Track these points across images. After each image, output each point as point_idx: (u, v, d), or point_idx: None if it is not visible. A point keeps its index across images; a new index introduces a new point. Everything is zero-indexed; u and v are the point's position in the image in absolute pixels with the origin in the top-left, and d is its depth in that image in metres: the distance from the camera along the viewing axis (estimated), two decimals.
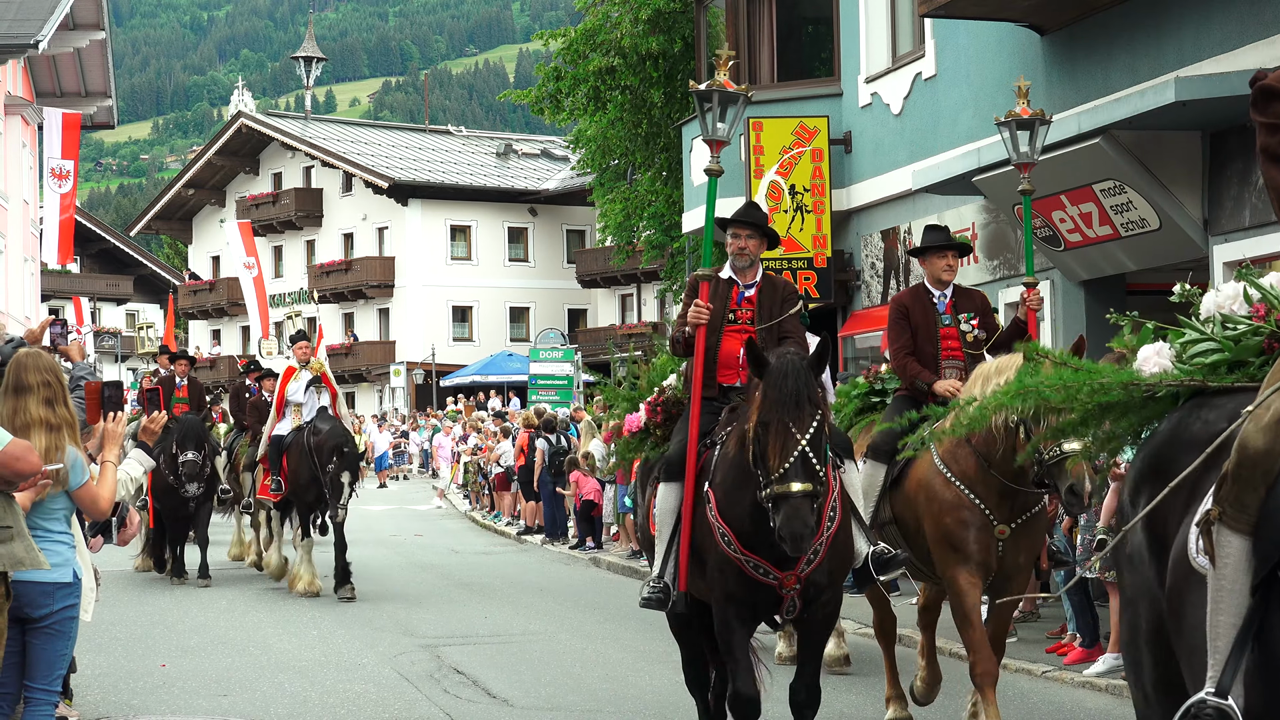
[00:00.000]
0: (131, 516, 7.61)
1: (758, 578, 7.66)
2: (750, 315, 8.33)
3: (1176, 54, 13.87)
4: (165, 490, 18.67)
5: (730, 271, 8.43)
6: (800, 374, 7.23)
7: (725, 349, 8.31)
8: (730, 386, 8.33)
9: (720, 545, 7.70)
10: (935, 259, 9.59)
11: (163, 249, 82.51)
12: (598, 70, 24.85)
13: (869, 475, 9.20)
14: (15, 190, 34.22)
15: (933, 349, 9.48)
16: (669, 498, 8.17)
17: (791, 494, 7.03)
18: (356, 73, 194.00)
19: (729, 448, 7.79)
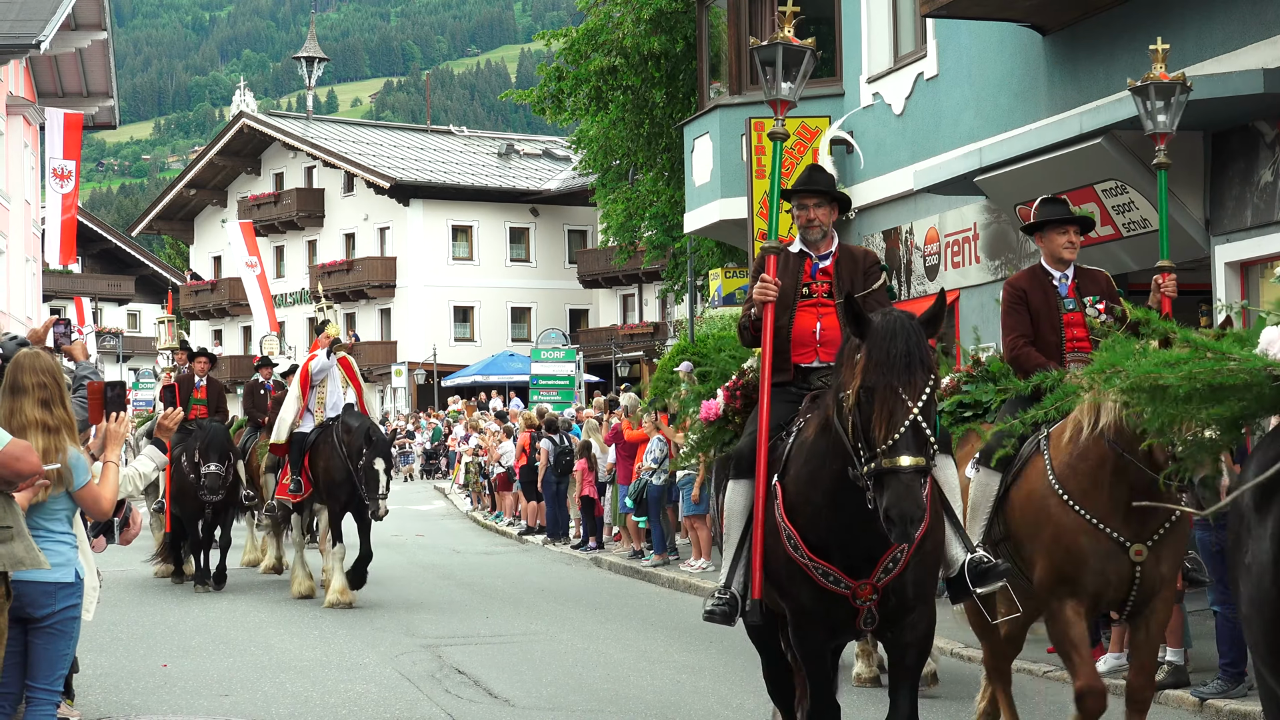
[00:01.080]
0: (135, 516, 7.61)
1: (828, 586, 6.78)
2: (827, 289, 7.53)
3: (1178, 54, 13.84)
4: (184, 494, 18.01)
5: (801, 245, 7.68)
6: (911, 333, 6.36)
7: (799, 325, 7.53)
8: (807, 367, 7.52)
9: (786, 549, 6.88)
10: (1055, 235, 8.45)
11: (164, 249, 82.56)
12: (599, 70, 24.86)
13: (981, 485, 8.16)
14: (17, 190, 34.22)
15: (1055, 338, 8.35)
16: (738, 496, 7.36)
17: (901, 469, 6.13)
18: (358, 73, 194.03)
19: (807, 434, 6.95)
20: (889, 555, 6.67)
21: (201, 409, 18.53)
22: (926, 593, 6.92)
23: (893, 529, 6.17)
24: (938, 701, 10.45)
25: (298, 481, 16.55)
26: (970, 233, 17.52)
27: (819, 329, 7.50)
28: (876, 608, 6.78)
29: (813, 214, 7.62)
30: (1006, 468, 8.01)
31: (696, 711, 10.17)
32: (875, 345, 6.33)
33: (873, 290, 7.43)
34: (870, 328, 6.39)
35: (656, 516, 19.93)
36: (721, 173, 20.73)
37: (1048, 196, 8.90)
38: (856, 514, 6.43)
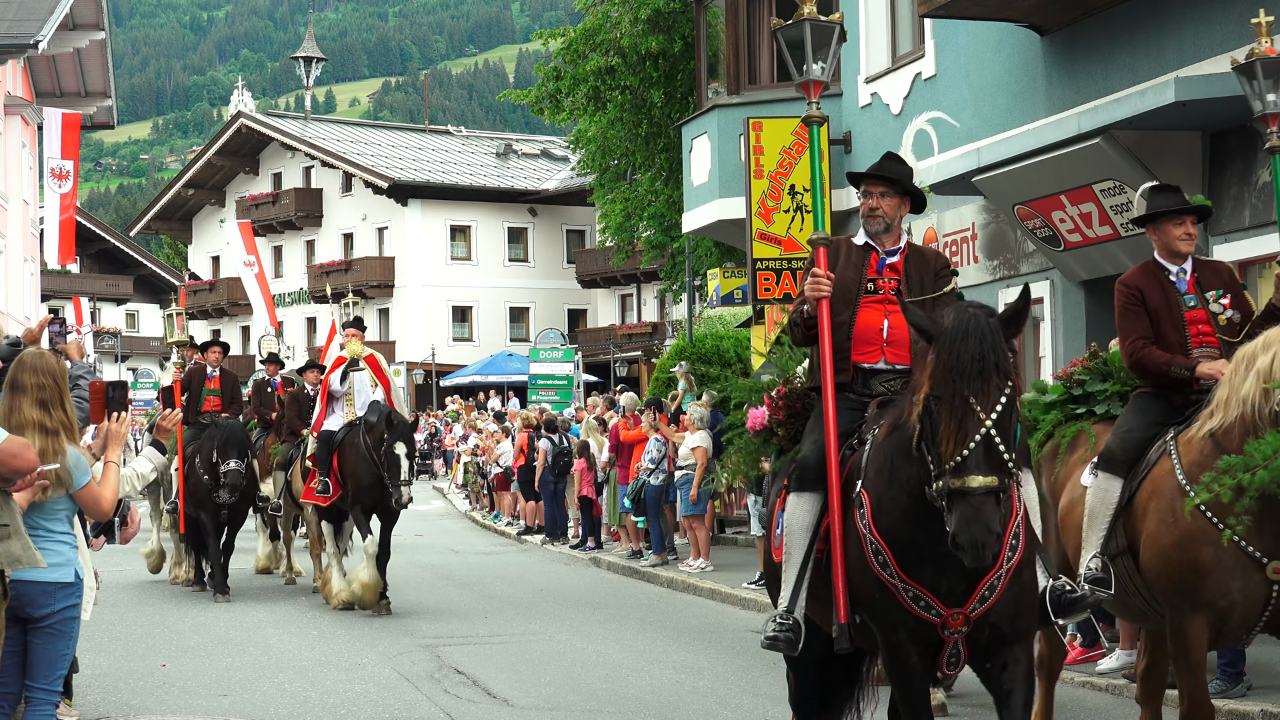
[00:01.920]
0: (133, 514, 7.61)
1: (916, 611, 6.04)
2: (895, 286, 6.90)
3: (1177, 54, 13.87)
4: (199, 497, 17.28)
5: (865, 237, 7.09)
6: (986, 333, 5.71)
7: (863, 323, 6.88)
8: (870, 368, 6.89)
9: (873, 566, 6.15)
10: (1170, 227, 7.75)
11: (162, 249, 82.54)
12: (597, 70, 24.85)
13: (1101, 491, 7.47)
14: (15, 190, 34.21)
15: (1178, 336, 7.63)
16: (801, 512, 6.67)
17: (970, 490, 5.55)
18: (356, 73, 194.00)
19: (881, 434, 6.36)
20: (986, 581, 5.98)
21: (215, 400, 17.89)
22: (1025, 627, 6.19)
23: (963, 555, 5.60)
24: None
25: (326, 484, 15.89)
26: (969, 233, 17.52)
27: (886, 327, 6.88)
28: (964, 642, 6.10)
29: (876, 203, 7.07)
30: (1130, 473, 7.40)
31: (695, 711, 10.17)
32: (944, 347, 5.73)
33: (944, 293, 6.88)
34: (942, 327, 5.78)
35: (655, 516, 19.94)
36: (720, 173, 20.73)
37: (1158, 184, 8.16)
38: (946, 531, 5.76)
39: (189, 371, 18.03)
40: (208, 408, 17.74)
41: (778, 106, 20.17)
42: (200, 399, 17.73)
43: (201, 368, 18.09)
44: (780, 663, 12.14)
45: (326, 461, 15.85)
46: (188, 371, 18.03)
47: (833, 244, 7.07)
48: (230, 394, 18.06)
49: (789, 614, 6.72)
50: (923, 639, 6.10)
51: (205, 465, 17.06)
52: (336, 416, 16.05)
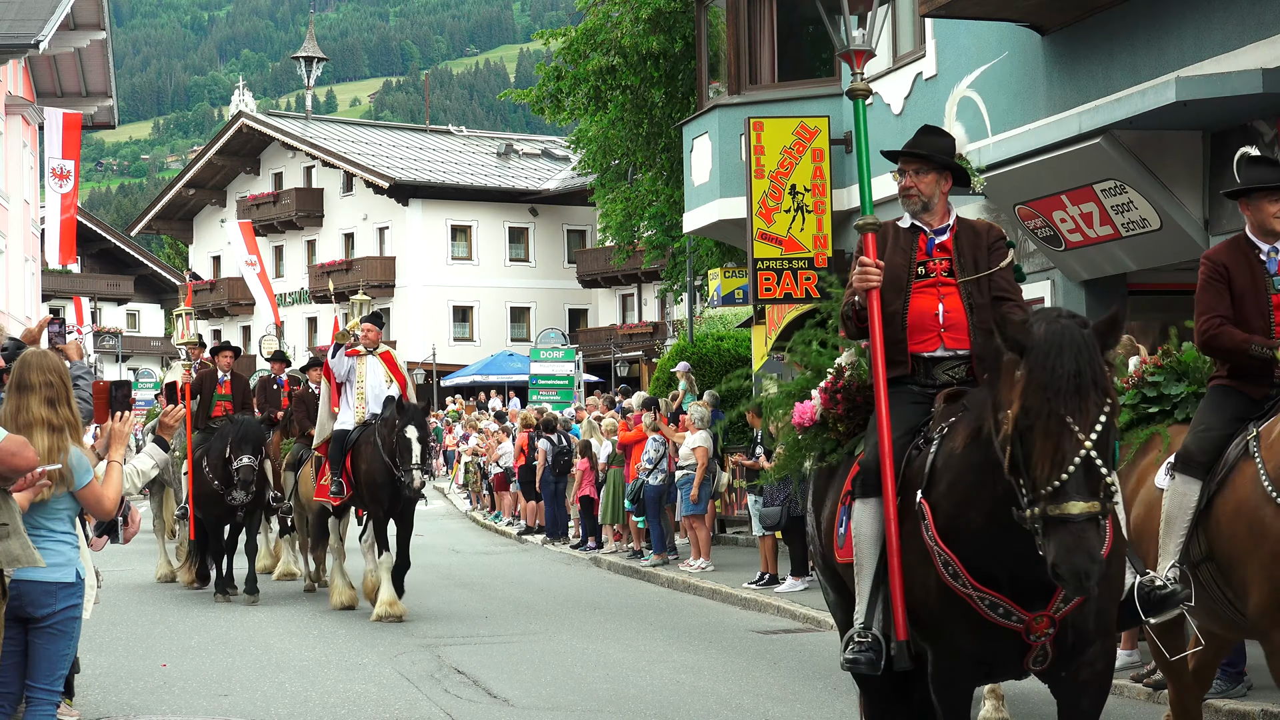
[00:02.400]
0: (133, 513, 7.60)
1: (996, 620, 5.76)
2: (947, 267, 6.54)
3: (1177, 54, 13.86)
4: (209, 497, 16.89)
5: (911, 219, 6.71)
6: (1082, 347, 5.33)
7: (917, 309, 6.51)
8: (930, 357, 6.53)
9: (943, 576, 5.84)
10: (1265, 203, 7.19)
11: (163, 249, 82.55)
12: (598, 70, 24.85)
13: (1178, 495, 7.02)
14: (16, 190, 34.22)
15: (1262, 322, 7.09)
16: (868, 519, 6.28)
17: (1071, 517, 5.19)
18: (357, 73, 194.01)
19: (955, 443, 5.94)
20: None
21: (227, 405, 17.52)
22: (1108, 624, 5.94)
23: (1063, 585, 5.29)
24: None
25: (339, 483, 15.40)
26: None
27: (942, 311, 6.50)
28: (1052, 643, 5.80)
29: (910, 181, 6.65)
30: (1210, 475, 6.95)
31: (696, 711, 10.17)
32: (1038, 363, 5.30)
33: (1000, 268, 6.53)
34: (1032, 340, 5.36)
35: (655, 516, 19.94)
36: (720, 172, 20.73)
37: (1254, 155, 7.63)
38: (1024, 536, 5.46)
39: (199, 376, 17.72)
40: (218, 412, 17.44)
41: (779, 106, 20.17)
42: (211, 403, 17.47)
43: (212, 372, 17.82)
44: (780, 662, 12.19)
45: (339, 460, 15.43)
46: (198, 376, 17.69)
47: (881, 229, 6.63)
48: (241, 398, 17.76)
49: (867, 630, 6.25)
50: (1000, 649, 5.83)
51: (217, 463, 16.69)
52: (348, 411, 15.55)
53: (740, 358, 26.51)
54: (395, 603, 14.93)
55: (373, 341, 15.60)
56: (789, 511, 16.60)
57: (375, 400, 15.39)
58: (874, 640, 6.21)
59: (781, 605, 15.32)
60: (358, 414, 15.47)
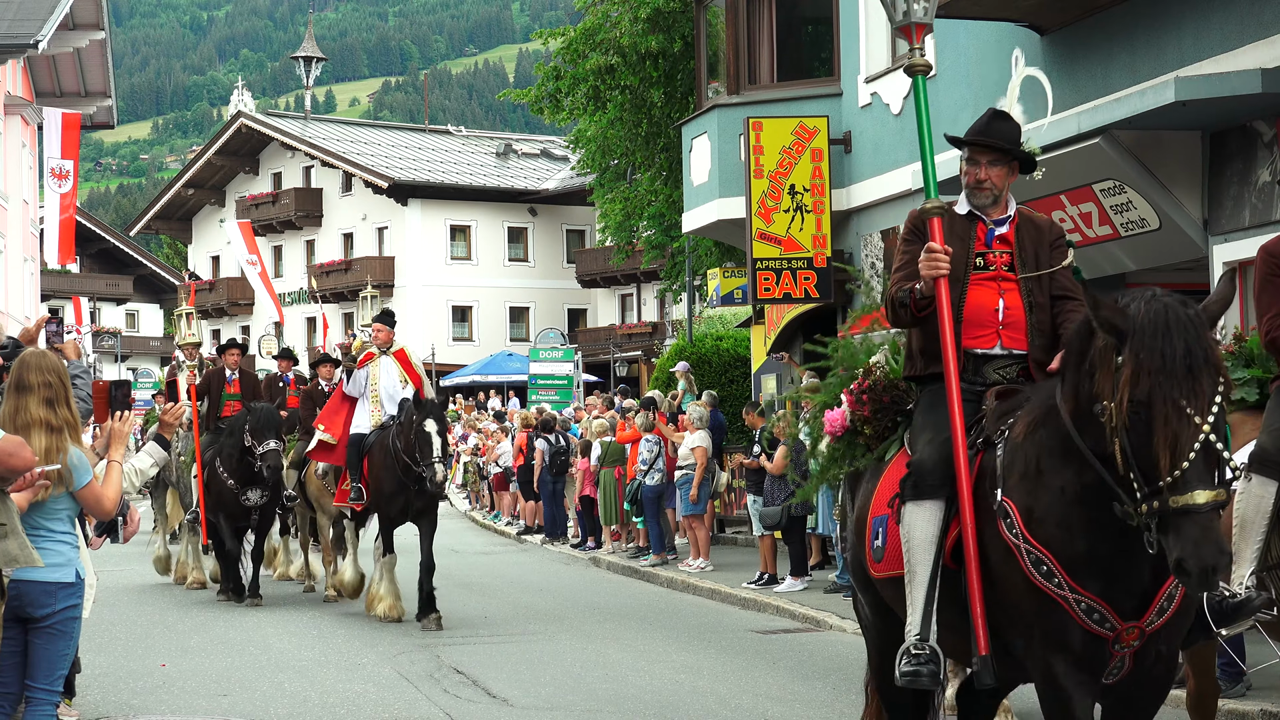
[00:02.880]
0: (133, 513, 7.60)
1: (1088, 625, 5.35)
2: (1007, 260, 6.20)
3: (1176, 54, 13.86)
4: (225, 498, 16.33)
5: (968, 204, 6.37)
6: (1189, 326, 5.01)
7: (974, 303, 6.16)
8: (983, 354, 6.17)
9: (1033, 577, 5.41)
10: None
11: (162, 249, 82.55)
12: (597, 70, 24.85)
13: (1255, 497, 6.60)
14: (15, 190, 34.22)
15: None
16: (921, 523, 5.88)
17: (1196, 508, 4.84)
18: (356, 73, 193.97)
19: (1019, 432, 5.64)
20: (1164, 591, 5.36)
21: (236, 404, 17.09)
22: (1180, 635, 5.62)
23: (1188, 580, 4.91)
24: None
25: (358, 489, 14.93)
26: None
27: (1002, 308, 6.15)
28: (1132, 657, 5.43)
29: (984, 173, 6.29)
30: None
31: (695, 711, 10.16)
32: (1144, 345, 4.97)
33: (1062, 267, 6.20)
34: (1132, 322, 5.03)
35: (654, 516, 19.94)
36: (719, 172, 20.73)
37: None
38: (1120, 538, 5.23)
39: (207, 375, 17.33)
40: (228, 412, 17.04)
41: (778, 106, 20.18)
42: (220, 403, 17.08)
43: (220, 370, 17.42)
44: (780, 662, 12.20)
45: (357, 466, 14.97)
46: (206, 375, 17.31)
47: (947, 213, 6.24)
48: (251, 396, 17.27)
49: (923, 642, 5.81)
50: (1089, 657, 5.41)
51: (232, 458, 16.16)
52: (363, 414, 15.17)
53: (739, 358, 26.52)
54: (397, 604, 14.73)
55: (385, 342, 15.31)
56: (789, 512, 16.61)
57: (390, 401, 15.01)
58: (932, 652, 5.80)
59: (781, 605, 15.32)
60: (374, 417, 15.09)
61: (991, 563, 5.62)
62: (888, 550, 6.13)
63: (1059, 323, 6.12)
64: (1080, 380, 5.33)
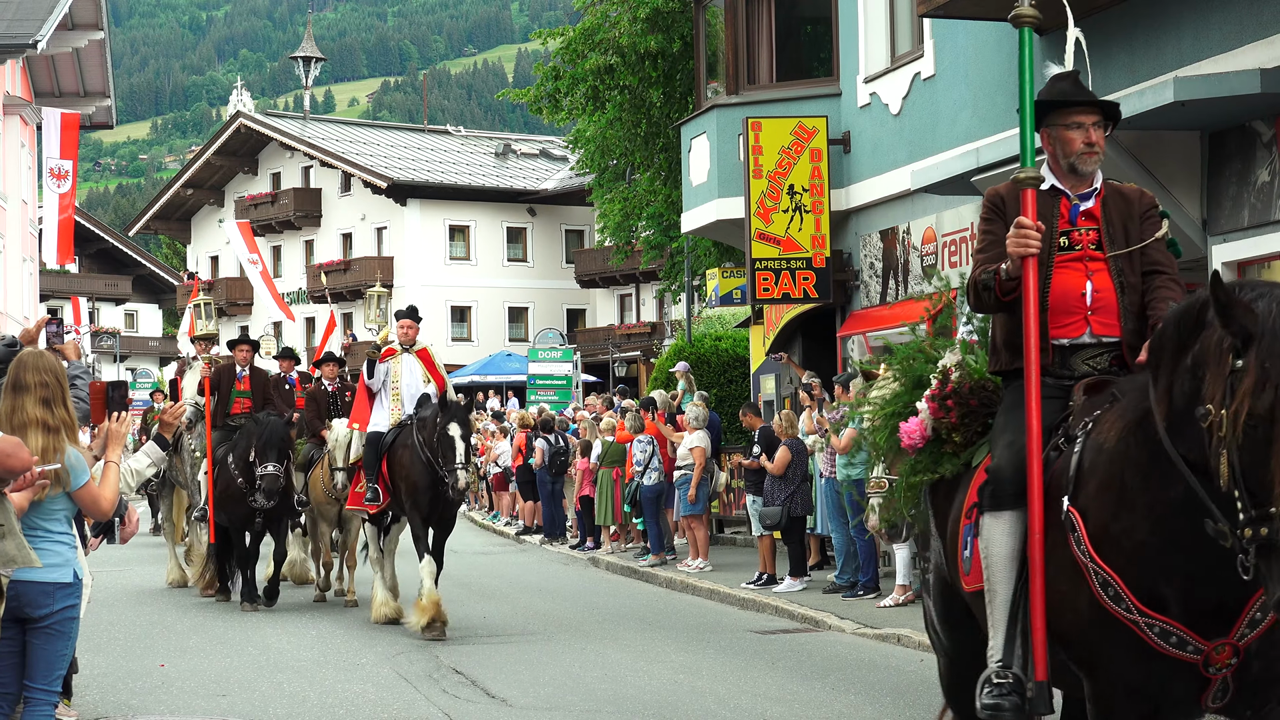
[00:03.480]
0: (131, 513, 7.59)
1: (1167, 650, 4.91)
2: (1095, 238, 5.69)
3: (1175, 54, 13.86)
4: (232, 499, 15.91)
5: (1053, 178, 5.80)
6: None
7: (1061, 287, 5.65)
8: (1072, 344, 5.66)
9: (1100, 599, 4.98)
10: None
11: (161, 249, 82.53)
12: (596, 69, 24.85)
13: None
14: (14, 190, 34.21)
15: None
16: (1000, 536, 5.39)
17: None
18: (355, 73, 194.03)
19: (1105, 439, 5.11)
20: (1254, 604, 4.84)
21: (246, 401, 16.53)
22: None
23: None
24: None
25: (375, 490, 14.39)
26: (968, 233, 17.51)
27: (1090, 291, 5.65)
28: (1233, 676, 4.94)
29: (1094, 135, 5.73)
30: None
31: (694, 711, 10.16)
32: (1273, 354, 4.41)
33: (1155, 239, 5.71)
34: (1263, 322, 4.47)
35: (652, 516, 19.94)
36: (718, 172, 20.74)
37: None
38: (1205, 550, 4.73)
39: (217, 371, 16.80)
40: (237, 409, 16.56)
41: (776, 106, 20.18)
42: (230, 400, 16.59)
43: (230, 366, 16.91)
44: (778, 662, 12.20)
45: (375, 466, 14.40)
46: (215, 371, 16.81)
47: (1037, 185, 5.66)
48: (262, 394, 16.75)
49: (1006, 668, 5.32)
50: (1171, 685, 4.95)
51: (240, 465, 15.77)
52: (382, 412, 14.61)
53: (738, 358, 26.53)
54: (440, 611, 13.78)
55: (410, 339, 14.73)
56: (788, 512, 16.61)
57: (411, 401, 14.50)
58: (1015, 680, 5.30)
59: (780, 605, 15.32)
60: (393, 415, 14.54)
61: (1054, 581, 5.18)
62: (975, 562, 5.64)
63: (1148, 301, 5.63)
64: (1178, 378, 4.80)
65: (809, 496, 16.80)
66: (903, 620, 13.62)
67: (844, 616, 14.20)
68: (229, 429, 16.45)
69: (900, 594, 14.67)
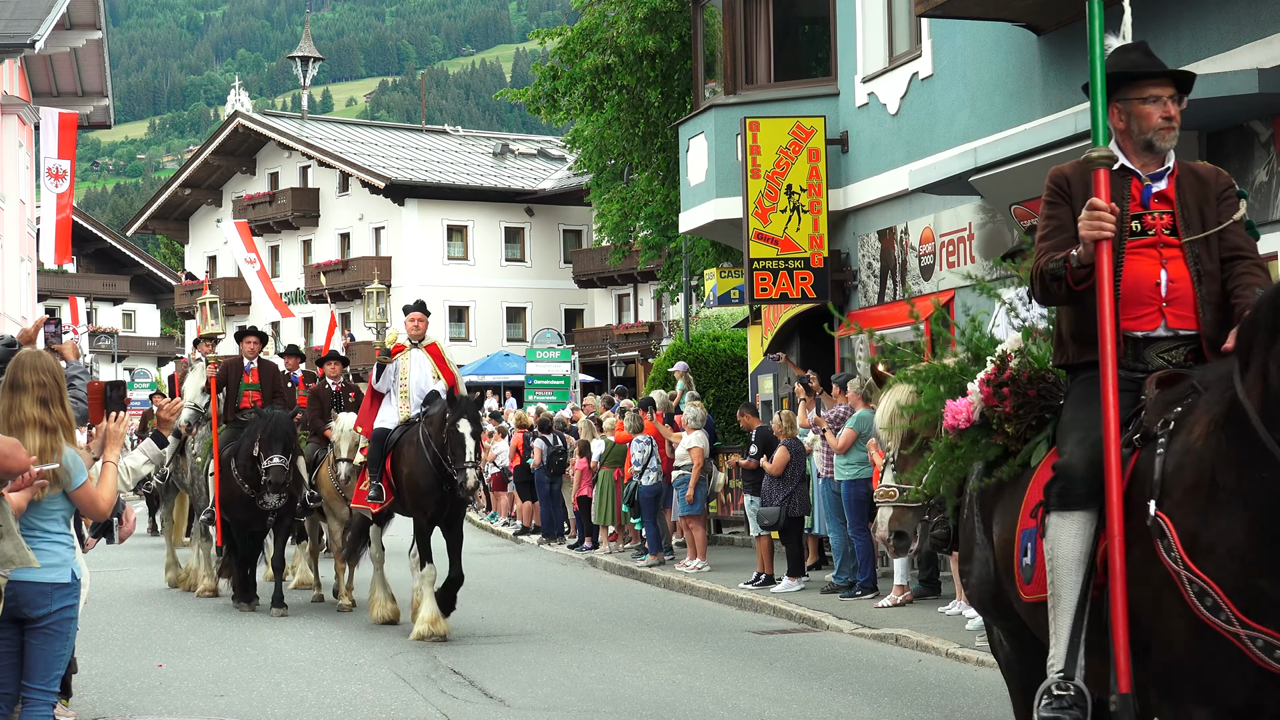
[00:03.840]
0: (128, 513, 7.59)
1: (1269, 665, 4.53)
2: (1169, 222, 5.32)
3: (1174, 54, 13.86)
4: (238, 501, 15.50)
5: (1123, 157, 5.42)
6: None
7: (1133, 275, 5.25)
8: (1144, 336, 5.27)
9: (1196, 610, 4.60)
10: None
11: (159, 249, 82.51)
12: (594, 69, 24.86)
13: None
14: (12, 190, 34.19)
15: None
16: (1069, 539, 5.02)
17: None
18: (353, 72, 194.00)
19: (1193, 437, 4.75)
20: None
21: (255, 395, 16.09)
22: None
23: None
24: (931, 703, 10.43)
25: (378, 488, 13.94)
26: (965, 232, 17.52)
27: (1165, 280, 5.27)
28: None
29: (1171, 109, 5.39)
30: None
31: (692, 711, 10.16)
32: None
33: (1232, 222, 5.41)
34: None
35: (650, 517, 19.93)
36: (717, 172, 20.74)
37: None
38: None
39: (224, 364, 16.38)
40: (246, 403, 16.14)
41: (774, 106, 20.18)
42: (238, 394, 16.19)
43: (238, 360, 16.45)
44: (777, 662, 12.20)
45: (379, 463, 13.97)
46: (223, 364, 16.36)
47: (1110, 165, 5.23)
48: (271, 387, 16.30)
49: (1067, 680, 4.97)
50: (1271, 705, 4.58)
51: (245, 462, 15.35)
52: (389, 409, 14.17)
53: (736, 358, 26.53)
54: (438, 620, 13.55)
55: (420, 333, 14.24)
56: (786, 512, 16.61)
57: (420, 397, 14.04)
58: (1077, 694, 4.95)
59: (778, 605, 15.32)
60: (401, 412, 14.08)
61: (1140, 589, 4.80)
62: (1038, 569, 5.25)
63: (1231, 289, 5.27)
64: (1273, 361, 4.47)
65: (807, 497, 16.80)
66: (900, 620, 13.62)
67: (842, 616, 14.20)
68: (238, 424, 16.05)
69: (898, 594, 14.67)
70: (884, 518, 6.42)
